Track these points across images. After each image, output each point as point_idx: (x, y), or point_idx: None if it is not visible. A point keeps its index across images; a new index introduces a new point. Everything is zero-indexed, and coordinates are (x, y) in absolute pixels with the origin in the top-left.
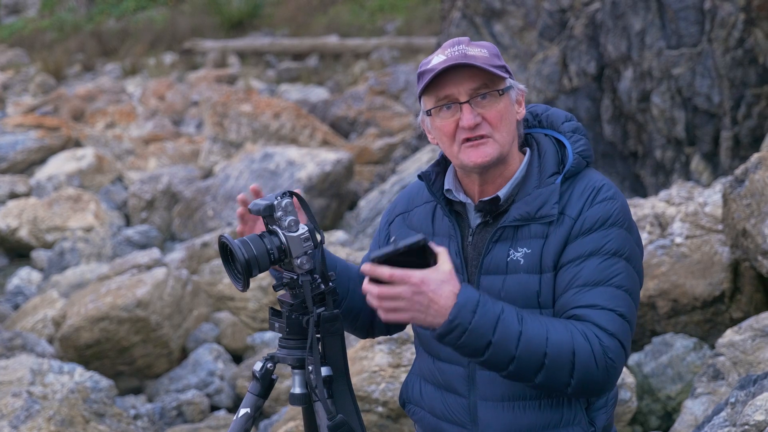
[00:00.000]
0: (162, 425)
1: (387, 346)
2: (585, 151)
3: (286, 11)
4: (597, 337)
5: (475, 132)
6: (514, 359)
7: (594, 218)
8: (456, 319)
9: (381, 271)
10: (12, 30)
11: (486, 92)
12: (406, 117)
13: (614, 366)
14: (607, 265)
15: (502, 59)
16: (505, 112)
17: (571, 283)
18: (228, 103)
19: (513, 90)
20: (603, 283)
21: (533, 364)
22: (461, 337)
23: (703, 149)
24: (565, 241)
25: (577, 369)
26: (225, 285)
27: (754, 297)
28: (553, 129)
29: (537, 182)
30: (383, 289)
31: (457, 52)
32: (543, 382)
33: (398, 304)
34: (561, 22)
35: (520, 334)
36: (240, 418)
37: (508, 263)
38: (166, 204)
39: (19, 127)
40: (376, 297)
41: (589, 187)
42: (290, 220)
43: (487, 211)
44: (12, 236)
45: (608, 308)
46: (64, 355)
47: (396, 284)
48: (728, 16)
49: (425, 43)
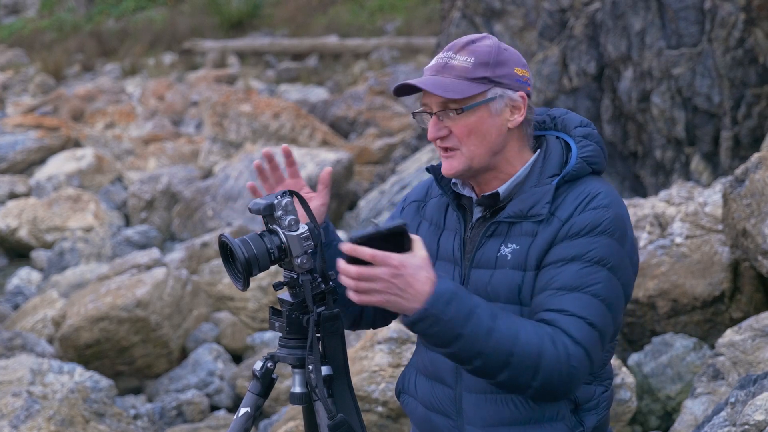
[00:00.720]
0: (162, 425)
1: (387, 346)
2: (592, 157)
3: (286, 11)
4: (564, 344)
5: (443, 144)
6: (480, 354)
7: (582, 224)
8: (430, 308)
9: (363, 250)
10: (11, 30)
11: (452, 108)
12: (405, 117)
13: (577, 374)
14: (587, 272)
15: (498, 66)
16: (475, 126)
17: (548, 284)
18: (227, 103)
19: (497, 100)
20: (579, 290)
21: (499, 362)
22: (432, 326)
23: (703, 149)
24: (550, 241)
25: (541, 373)
26: (225, 285)
27: (754, 297)
28: (565, 132)
29: (536, 182)
30: (362, 270)
31: (442, 60)
32: (505, 381)
33: (374, 285)
34: (561, 22)
35: (490, 330)
36: (240, 417)
37: (497, 258)
38: (165, 204)
39: (18, 127)
40: (355, 276)
41: (585, 192)
42: (290, 219)
43: (487, 206)
44: (12, 236)
45: (578, 315)
46: (63, 355)
47: (375, 265)
48: (728, 15)
49: (425, 43)
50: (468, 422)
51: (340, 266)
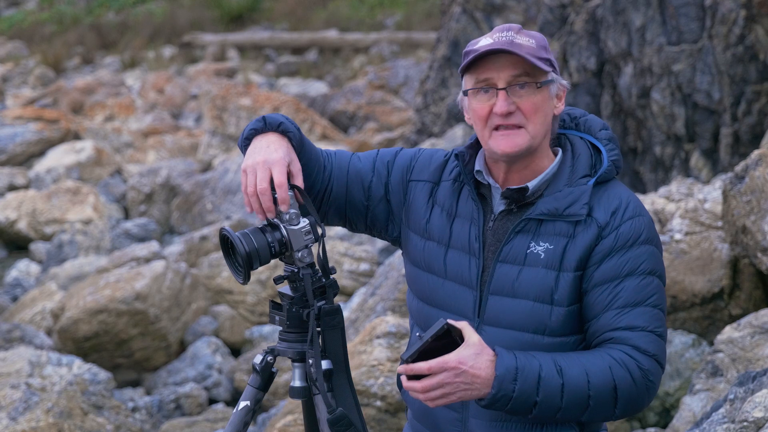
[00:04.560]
0: (160, 418)
1: (386, 340)
2: (618, 161)
3: (286, 5)
4: (635, 360)
5: (508, 120)
6: (560, 410)
7: (627, 235)
8: (499, 391)
9: (419, 366)
10: (11, 22)
11: (525, 82)
12: (405, 112)
13: (654, 386)
14: (643, 285)
15: (550, 52)
16: (541, 105)
17: (611, 303)
18: (227, 96)
19: (554, 84)
20: (641, 304)
21: (579, 408)
22: (507, 404)
23: (702, 146)
24: (592, 246)
25: (620, 400)
26: (224, 278)
27: (754, 294)
28: (590, 134)
29: (568, 181)
30: (425, 383)
31: (505, 38)
32: (590, 419)
33: (444, 390)
34: (561, 17)
35: (562, 387)
36: (240, 410)
37: (527, 255)
38: (164, 197)
39: (18, 119)
40: (421, 390)
41: (617, 198)
42: (291, 213)
43: (513, 199)
44: (11, 228)
45: (648, 330)
46: (62, 347)
47: (435, 374)
48: (729, 12)
49: (425, 38)
50: (473, 415)
51: (406, 385)
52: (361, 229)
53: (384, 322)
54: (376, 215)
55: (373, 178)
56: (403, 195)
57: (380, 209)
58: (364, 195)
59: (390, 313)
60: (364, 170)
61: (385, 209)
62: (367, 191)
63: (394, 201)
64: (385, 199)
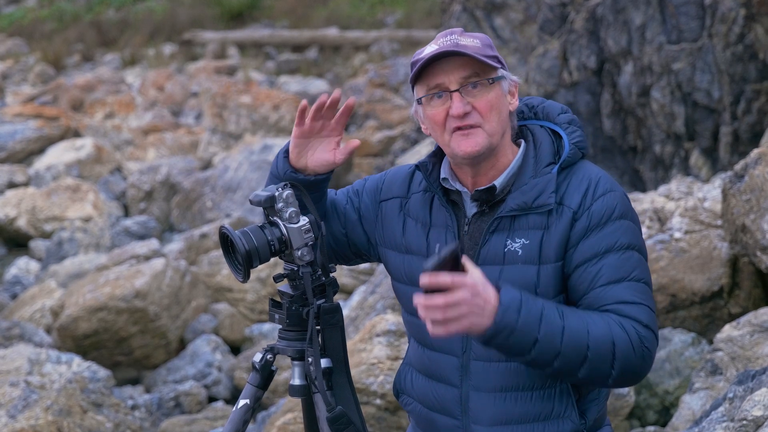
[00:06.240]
0: (159, 416)
1: (385, 338)
2: (580, 142)
3: (286, 3)
4: (633, 328)
5: (465, 121)
6: (559, 354)
7: (600, 213)
8: (503, 319)
9: (443, 278)
10: (11, 19)
11: (476, 81)
12: (405, 110)
13: (650, 354)
14: (624, 260)
15: (495, 50)
16: (495, 102)
17: (593, 283)
18: (227, 94)
19: (505, 80)
20: (624, 279)
21: (577, 358)
22: (509, 337)
23: (702, 144)
24: (567, 232)
25: (618, 359)
26: (223, 276)
27: (753, 292)
28: (548, 120)
29: (533, 172)
30: (449, 297)
31: (450, 41)
32: (587, 375)
33: (461, 310)
34: (561, 16)
35: (563, 330)
36: (239, 409)
37: (505, 254)
38: (164, 195)
39: (18, 116)
40: (443, 305)
41: (586, 178)
42: (291, 211)
43: (483, 200)
44: (10, 226)
45: (637, 302)
46: (62, 345)
47: (455, 290)
48: (729, 11)
49: (425, 36)
50: (474, 421)
51: (426, 302)
52: (351, 256)
53: (384, 321)
54: (354, 241)
55: (346, 206)
56: (375, 216)
57: (357, 233)
58: (341, 224)
59: (390, 311)
60: (338, 201)
61: (361, 233)
62: (342, 219)
63: (366, 224)
64: (359, 223)
